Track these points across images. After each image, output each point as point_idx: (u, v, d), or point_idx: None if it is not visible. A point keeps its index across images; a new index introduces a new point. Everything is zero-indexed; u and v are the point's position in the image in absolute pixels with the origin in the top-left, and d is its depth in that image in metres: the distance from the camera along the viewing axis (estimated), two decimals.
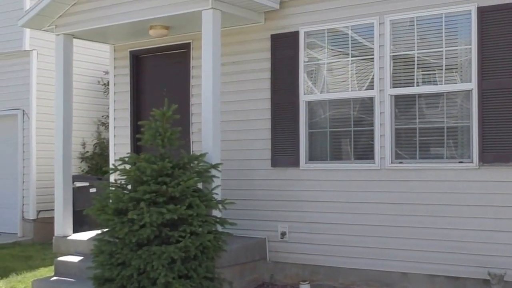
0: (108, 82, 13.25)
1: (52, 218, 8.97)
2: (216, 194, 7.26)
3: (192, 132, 8.97)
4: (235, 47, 8.55)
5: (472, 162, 6.93)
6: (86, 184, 11.53)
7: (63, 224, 8.65)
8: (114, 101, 9.93)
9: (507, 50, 6.74)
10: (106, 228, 7.06)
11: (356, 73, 7.82)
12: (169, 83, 9.32)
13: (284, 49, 8.23)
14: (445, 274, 7.09)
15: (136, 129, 9.47)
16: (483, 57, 6.86)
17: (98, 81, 13.47)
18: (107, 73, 13.32)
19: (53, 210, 8.88)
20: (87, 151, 13.37)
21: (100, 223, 10.91)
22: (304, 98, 8.07)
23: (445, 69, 7.20)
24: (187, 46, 9.09)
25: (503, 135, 6.75)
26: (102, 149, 13.42)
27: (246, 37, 8.54)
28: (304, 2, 8.08)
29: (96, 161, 13.30)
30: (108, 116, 13.34)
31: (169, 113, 7.13)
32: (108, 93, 13.19)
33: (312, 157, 8.09)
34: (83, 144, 13.09)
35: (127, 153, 7.73)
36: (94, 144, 13.48)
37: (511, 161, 6.67)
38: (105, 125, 13.56)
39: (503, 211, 6.73)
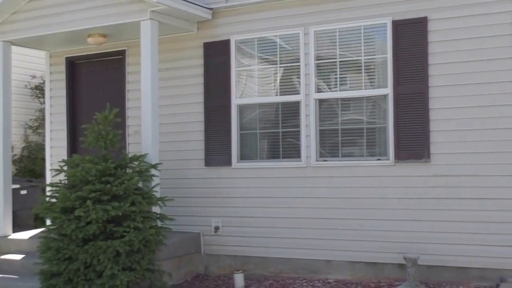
0: (36, 86, 13.45)
1: None
2: (156, 192, 7.74)
3: (128, 134, 9.40)
4: (169, 54, 9.06)
5: (388, 159, 7.74)
6: (17, 186, 11.68)
7: (3, 224, 8.92)
8: (50, 105, 10.21)
9: (417, 59, 7.57)
10: (42, 227, 7.39)
11: (284, 79, 8.51)
12: (105, 88, 9.71)
13: (216, 56, 8.82)
14: (365, 260, 7.86)
15: (72, 132, 9.85)
16: (397, 65, 7.68)
17: (26, 85, 13.57)
18: (34, 77, 13.51)
19: None
20: (15, 154, 13.44)
21: (32, 224, 11.20)
22: (235, 102, 8.68)
23: (364, 75, 7.98)
24: (122, 53, 9.53)
25: (415, 135, 7.58)
26: (30, 152, 13.53)
27: (180, 45, 9.08)
28: (235, 13, 8.69)
29: (25, 164, 13.40)
30: (36, 120, 13.53)
31: (111, 117, 7.56)
32: (36, 97, 13.41)
33: (243, 157, 8.71)
34: (11, 148, 13.14)
35: (71, 155, 8.04)
36: (22, 147, 13.57)
37: (422, 158, 7.51)
38: (33, 129, 13.68)
39: (416, 203, 7.56)
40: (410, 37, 7.64)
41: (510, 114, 7.09)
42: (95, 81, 9.88)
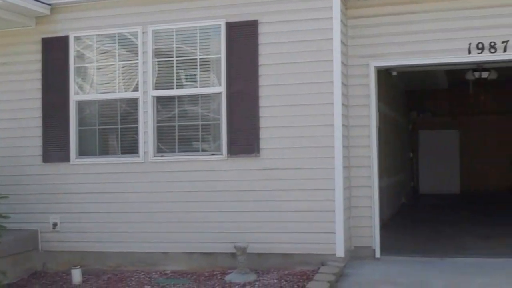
0: None
1: None
2: None
3: None
4: (6, 48, 8.96)
5: (222, 154, 8.14)
6: None
7: None
8: None
9: (249, 59, 8.03)
10: None
11: (123, 76, 8.67)
12: None
13: (55, 52, 8.81)
14: (200, 251, 8.21)
15: None
16: (231, 64, 8.09)
17: None
18: None
19: None
20: None
21: None
22: (74, 98, 8.72)
23: (200, 74, 8.33)
24: None
25: (246, 131, 8.03)
26: None
27: (18, 40, 8.97)
28: (73, 9, 8.73)
29: None
30: None
31: None
32: None
33: (82, 153, 8.76)
34: None
35: None
36: None
37: (253, 152, 7.98)
38: None
39: (247, 195, 8.02)
40: (243, 39, 8.08)
41: (327, 112, 7.73)
42: None
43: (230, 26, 8.13)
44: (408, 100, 17.73)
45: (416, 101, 18.48)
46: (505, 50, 7.71)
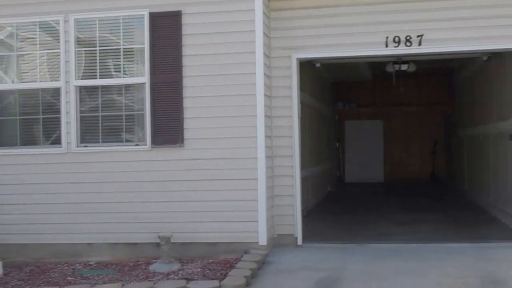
0: None
1: None
2: None
3: None
4: None
5: (146, 144, 8.15)
6: None
7: None
8: None
9: (172, 50, 8.06)
10: None
11: (45, 65, 8.54)
12: None
13: None
14: (124, 241, 8.22)
15: None
16: (154, 55, 8.09)
17: None
18: None
19: None
20: None
21: None
22: None
23: (124, 64, 8.30)
24: None
25: (170, 122, 8.07)
26: None
27: None
28: None
29: None
30: None
31: None
32: None
33: (2, 143, 8.60)
34: None
35: None
36: None
37: (177, 143, 8.03)
38: None
39: (171, 185, 8.08)
40: (166, 29, 8.10)
41: (250, 103, 7.87)
42: None
43: (153, 16, 8.12)
44: (334, 91, 18.08)
45: (342, 93, 18.86)
46: (420, 44, 8.03)
